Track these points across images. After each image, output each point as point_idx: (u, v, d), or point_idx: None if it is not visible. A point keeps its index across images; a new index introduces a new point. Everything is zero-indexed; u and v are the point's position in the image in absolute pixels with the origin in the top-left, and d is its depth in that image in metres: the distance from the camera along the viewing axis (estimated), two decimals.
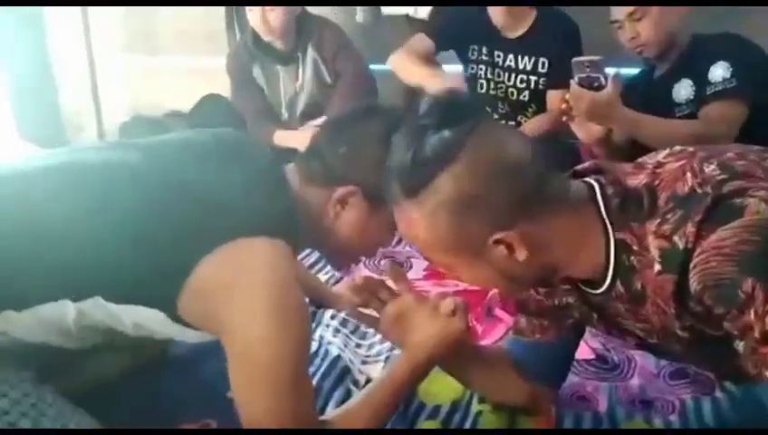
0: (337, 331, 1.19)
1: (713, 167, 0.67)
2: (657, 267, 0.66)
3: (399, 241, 1.63)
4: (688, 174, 0.67)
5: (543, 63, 1.78)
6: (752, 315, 0.59)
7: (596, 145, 1.51)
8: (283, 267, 0.73)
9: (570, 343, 0.90)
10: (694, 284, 0.62)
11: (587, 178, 0.73)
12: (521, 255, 0.67)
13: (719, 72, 1.37)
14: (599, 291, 0.72)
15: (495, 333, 1.20)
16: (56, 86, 2.59)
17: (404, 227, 0.71)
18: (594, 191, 0.70)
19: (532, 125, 1.80)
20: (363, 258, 1.03)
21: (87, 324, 0.73)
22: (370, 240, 0.86)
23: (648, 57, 1.51)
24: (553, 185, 0.69)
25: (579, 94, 1.36)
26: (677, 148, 0.75)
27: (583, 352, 1.08)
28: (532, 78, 1.80)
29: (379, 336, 1.16)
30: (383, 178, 0.73)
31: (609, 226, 0.69)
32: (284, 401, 0.71)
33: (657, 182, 0.69)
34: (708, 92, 1.38)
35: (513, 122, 1.86)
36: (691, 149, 0.73)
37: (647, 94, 1.52)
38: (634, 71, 1.63)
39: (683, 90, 1.46)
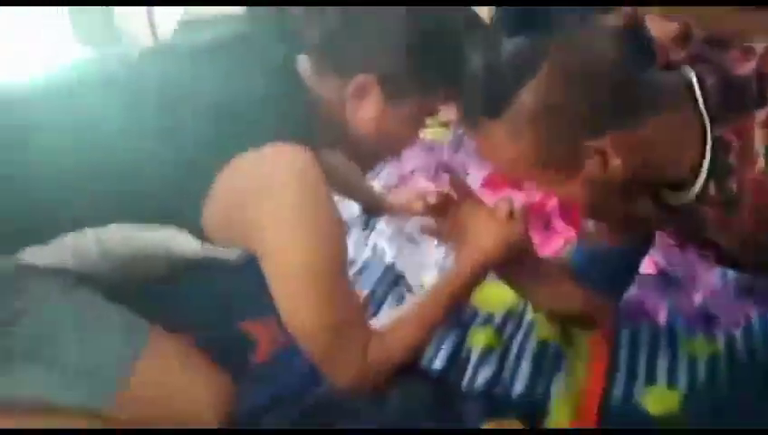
0: (392, 239, 1.20)
1: None
2: (761, 164, 0.60)
3: (456, 151, 1.60)
4: None
5: None
6: None
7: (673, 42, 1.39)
8: (311, 174, 0.69)
9: (636, 253, 0.87)
10: None
11: (685, 70, 0.66)
12: (614, 162, 0.63)
13: None
14: (688, 194, 0.67)
15: (553, 246, 1.17)
16: None
17: (488, 149, 0.68)
18: (692, 85, 0.64)
19: None
20: (389, 158, 0.97)
21: (116, 252, 0.72)
22: (392, 137, 0.79)
23: None
24: (644, 85, 0.63)
25: None
26: None
27: (645, 266, 1.04)
28: None
29: (434, 244, 1.17)
30: (404, 68, 0.71)
31: (707, 122, 0.63)
32: (325, 312, 0.70)
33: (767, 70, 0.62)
34: None
35: None
36: None
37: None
38: None
39: None
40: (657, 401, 0.82)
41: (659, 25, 1.31)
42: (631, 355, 0.90)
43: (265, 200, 0.68)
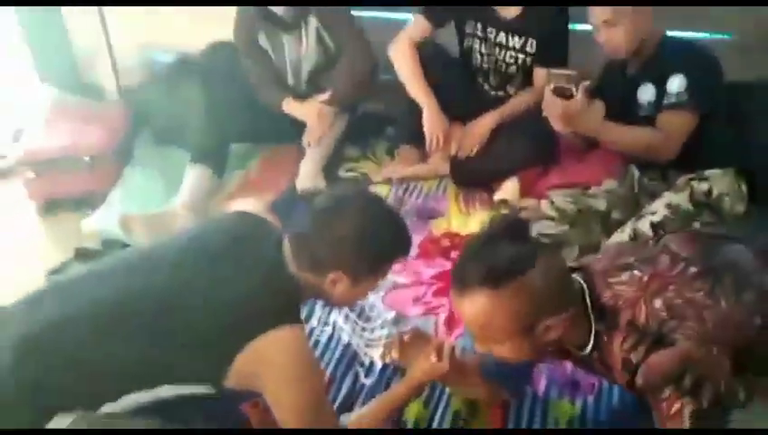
0: (347, 317, 1.55)
1: (660, 304, 0.98)
2: (619, 366, 1.00)
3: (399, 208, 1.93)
4: (643, 307, 0.99)
5: (532, 44, 1.91)
6: (665, 404, 0.93)
7: (570, 135, 1.75)
8: (298, 346, 1.04)
9: (533, 364, 1.26)
10: (640, 380, 0.96)
11: (577, 277, 1.05)
12: (554, 335, 0.99)
13: (675, 84, 1.56)
14: (581, 353, 1.06)
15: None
16: (66, 27, 2.66)
17: (471, 308, 0.98)
18: (584, 291, 1.03)
19: (519, 101, 1.98)
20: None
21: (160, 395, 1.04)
22: (357, 298, 1.19)
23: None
24: (573, 288, 1.02)
25: (552, 102, 1.57)
26: (636, 275, 1.03)
27: None
28: (521, 56, 1.94)
29: (378, 321, 1.53)
30: (359, 262, 1.07)
31: (592, 319, 1.02)
32: (312, 425, 1.07)
33: (619, 303, 1.01)
34: (665, 102, 1.58)
35: (502, 92, 2.04)
36: (646, 278, 1.02)
37: (617, 91, 1.70)
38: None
39: (646, 93, 1.65)
40: (561, 410, 1.23)
41: (558, 126, 1.65)
42: (516, 419, 1.30)
43: (270, 370, 1.02)
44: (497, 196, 1.94)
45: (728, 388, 0.93)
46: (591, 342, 1.04)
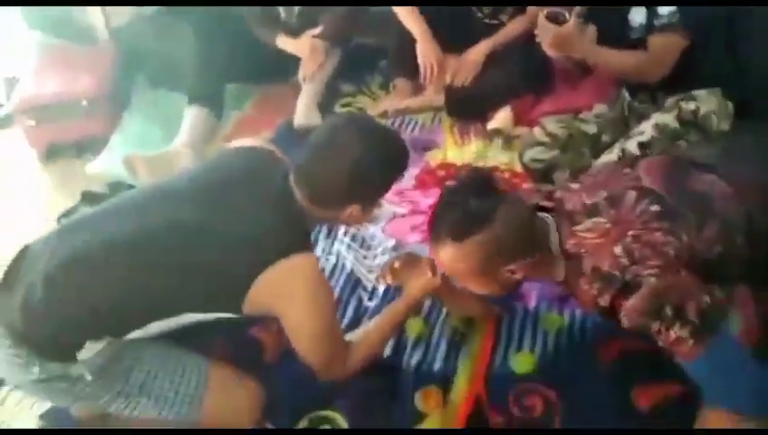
0: (349, 246, 1.62)
1: (620, 251, 1.02)
2: (590, 306, 1.08)
3: None
4: (605, 254, 1.03)
5: None
6: (662, 336, 1.00)
7: (564, 61, 1.76)
8: (312, 272, 1.10)
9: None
10: (624, 324, 1.02)
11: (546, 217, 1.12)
12: (519, 275, 1.10)
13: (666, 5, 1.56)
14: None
15: None
16: None
17: (440, 256, 1.10)
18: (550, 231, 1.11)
19: (512, 28, 1.98)
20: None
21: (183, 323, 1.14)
22: (366, 220, 1.24)
23: None
24: (538, 233, 1.10)
25: (545, 27, 1.59)
26: (599, 222, 1.08)
27: None
28: None
29: (379, 249, 1.61)
30: (368, 190, 1.13)
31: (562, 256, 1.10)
32: (322, 353, 1.15)
33: (583, 251, 1.07)
34: (656, 23, 1.58)
35: (495, 20, 2.03)
36: (608, 226, 1.06)
37: (607, 15, 1.70)
38: None
39: (638, 15, 1.64)
40: (520, 363, 1.33)
41: (551, 51, 1.67)
42: (508, 332, 1.39)
43: (287, 296, 1.08)
44: (491, 125, 1.98)
45: (710, 300, 0.99)
46: (562, 274, 1.12)
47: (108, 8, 2.65)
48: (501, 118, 1.97)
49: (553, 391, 1.27)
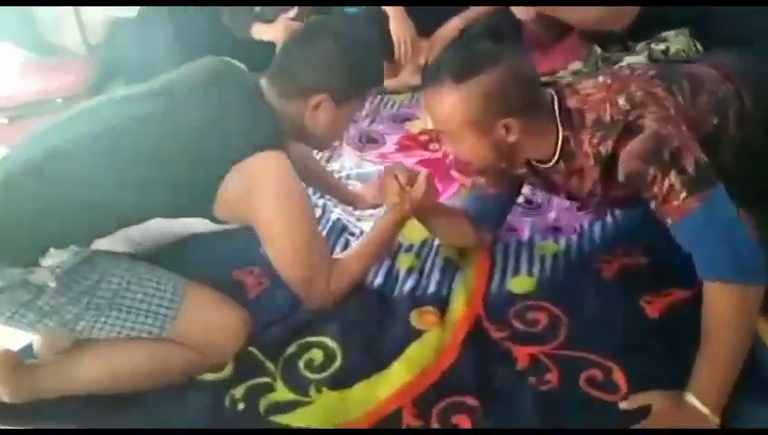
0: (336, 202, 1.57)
1: (622, 100, 1.01)
2: (591, 162, 1.04)
3: (373, 120, 1.98)
4: (607, 105, 1.02)
5: None
6: (656, 185, 0.95)
7: (533, 21, 1.81)
8: (284, 169, 1.04)
9: (511, 197, 1.30)
10: (621, 174, 0.99)
11: (549, 90, 1.08)
12: (512, 137, 1.03)
13: None
14: (547, 166, 1.10)
15: (451, 189, 1.60)
16: None
17: (435, 102, 1.01)
18: (553, 101, 1.06)
19: (481, 5, 2.05)
20: (336, 142, 1.45)
21: (150, 235, 1.08)
22: (340, 129, 1.19)
23: None
24: (539, 94, 1.05)
25: None
26: (600, 80, 1.08)
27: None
28: None
29: None
30: (341, 81, 1.08)
31: (559, 126, 1.06)
32: (301, 264, 1.08)
33: (585, 106, 1.04)
34: None
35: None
36: (609, 81, 1.06)
37: None
38: None
39: None
40: (519, 284, 1.27)
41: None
42: (504, 259, 1.34)
43: (258, 193, 1.02)
44: None
45: (704, 158, 0.96)
46: (558, 151, 1.07)
47: (86, 27, 2.70)
48: None
49: (557, 308, 1.20)
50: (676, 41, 1.62)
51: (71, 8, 2.69)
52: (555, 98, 1.08)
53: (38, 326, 1.03)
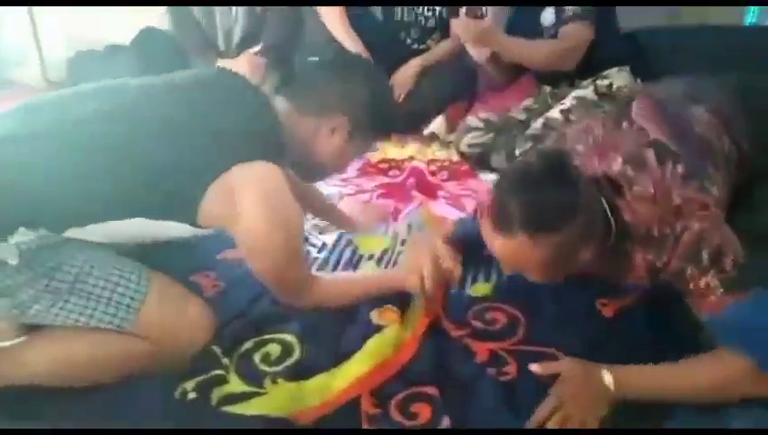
0: None
1: (670, 216, 0.96)
2: (642, 273, 1.01)
3: None
4: (654, 218, 0.97)
5: None
6: (694, 282, 0.94)
7: (487, 63, 1.93)
8: (273, 180, 0.99)
9: None
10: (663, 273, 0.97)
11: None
12: (577, 266, 0.99)
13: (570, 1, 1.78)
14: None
15: (411, 205, 1.65)
16: None
17: (501, 246, 0.96)
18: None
19: (439, 49, 2.18)
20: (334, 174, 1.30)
21: (131, 233, 1.03)
22: (344, 162, 1.18)
23: None
24: (608, 226, 1.00)
25: (465, 23, 1.76)
26: (640, 190, 0.98)
27: None
28: (437, 7, 2.16)
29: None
30: (364, 113, 1.08)
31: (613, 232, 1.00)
32: (281, 270, 1.06)
33: (635, 220, 0.98)
34: (563, 17, 1.80)
35: (423, 45, 2.23)
36: (651, 190, 0.98)
37: (523, 20, 1.92)
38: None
39: (548, 16, 1.86)
40: (477, 289, 1.29)
41: (476, 51, 1.83)
42: (464, 269, 1.34)
43: (241, 201, 0.98)
44: (426, 130, 2.08)
45: (747, 258, 0.94)
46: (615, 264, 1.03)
47: (45, 62, 2.71)
48: (436, 123, 2.08)
49: (515, 309, 1.21)
50: (618, 78, 1.76)
51: (32, 44, 2.72)
52: (609, 213, 1.00)
53: None
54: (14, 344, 1.01)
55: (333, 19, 2.13)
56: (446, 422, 0.95)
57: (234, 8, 2.17)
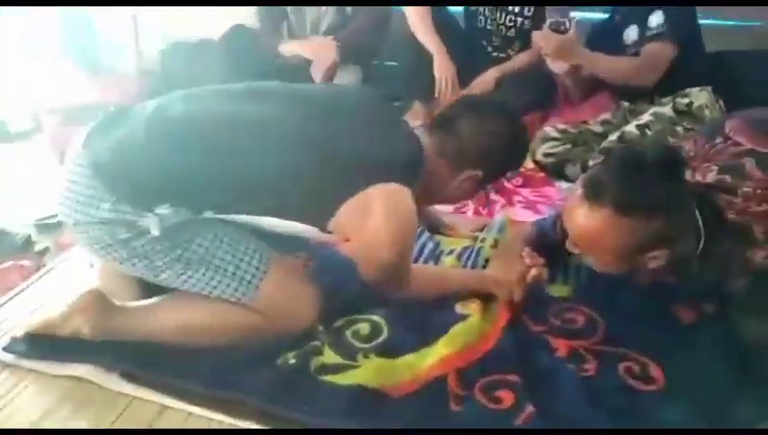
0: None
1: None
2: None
3: None
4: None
5: (529, 8, 2.17)
6: None
7: (566, 75, 1.96)
8: (405, 202, 1.06)
9: None
10: None
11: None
12: (658, 263, 1.02)
13: (655, 19, 1.79)
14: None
15: (495, 209, 1.71)
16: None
17: (584, 219, 0.98)
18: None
19: (519, 59, 2.23)
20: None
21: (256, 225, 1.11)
22: (467, 198, 1.30)
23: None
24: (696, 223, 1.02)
25: (547, 36, 1.79)
26: (749, 190, 0.99)
27: None
28: (519, 18, 2.20)
29: None
30: (498, 165, 1.17)
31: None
32: (388, 278, 1.12)
33: (746, 218, 1.01)
34: (647, 35, 1.81)
35: (503, 54, 2.28)
36: (759, 191, 0.98)
37: (605, 37, 1.95)
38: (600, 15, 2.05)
39: (631, 33, 1.88)
40: (556, 290, 1.33)
41: (556, 64, 1.87)
42: None
43: (372, 214, 1.05)
44: None
45: None
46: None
47: (142, 51, 2.89)
48: None
49: (594, 311, 1.25)
50: (699, 96, 1.76)
51: (132, 35, 2.90)
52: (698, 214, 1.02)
53: (125, 265, 1.07)
54: (150, 304, 1.12)
55: (417, 21, 2.19)
56: (529, 409, 1.00)
57: (324, 7, 2.24)
